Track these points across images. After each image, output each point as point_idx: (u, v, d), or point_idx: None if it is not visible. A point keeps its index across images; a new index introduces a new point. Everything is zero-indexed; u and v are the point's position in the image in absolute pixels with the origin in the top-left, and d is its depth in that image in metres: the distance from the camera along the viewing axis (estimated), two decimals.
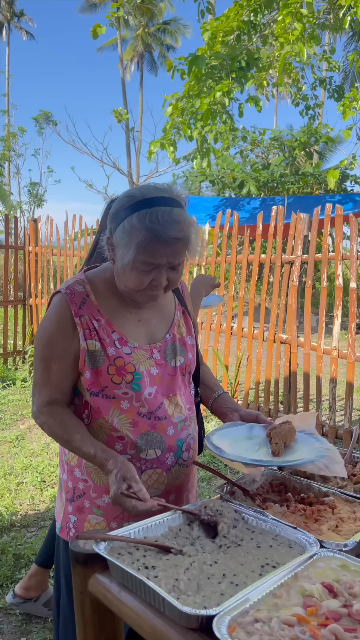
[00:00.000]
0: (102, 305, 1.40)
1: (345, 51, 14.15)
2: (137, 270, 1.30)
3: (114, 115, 9.35)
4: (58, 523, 1.53)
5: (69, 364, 1.37)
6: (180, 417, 1.46)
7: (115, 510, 1.41)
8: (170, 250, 1.28)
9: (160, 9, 31.26)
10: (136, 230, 1.26)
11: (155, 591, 0.90)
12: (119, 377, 1.37)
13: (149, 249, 1.27)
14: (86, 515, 1.43)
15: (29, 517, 3.33)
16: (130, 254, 1.28)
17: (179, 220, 1.27)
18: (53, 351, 1.38)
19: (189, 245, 1.31)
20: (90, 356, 1.37)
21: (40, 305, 7.28)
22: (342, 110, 5.37)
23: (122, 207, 1.30)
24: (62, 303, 1.38)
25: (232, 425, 1.49)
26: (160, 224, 1.25)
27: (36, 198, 18.34)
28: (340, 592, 0.90)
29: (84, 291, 1.40)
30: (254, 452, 1.33)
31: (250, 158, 14.63)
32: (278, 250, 4.81)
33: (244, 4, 6.23)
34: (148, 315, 1.47)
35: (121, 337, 1.39)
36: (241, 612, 0.86)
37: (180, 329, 1.52)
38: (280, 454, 1.30)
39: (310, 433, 1.44)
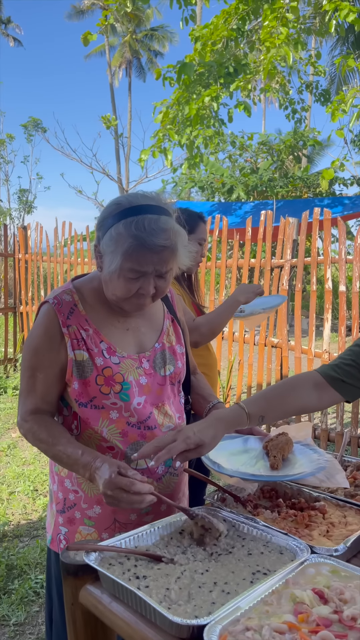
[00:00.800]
0: (90, 315, 1.40)
1: (331, 55, 14.28)
2: (124, 278, 1.30)
3: (102, 122, 9.34)
4: (49, 535, 1.52)
5: (55, 373, 1.37)
6: (169, 426, 1.46)
7: (106, 521, 1.40)
8: (157, 258, 1.28)
9: (147, 16, 31.41)
10: (122, 237, 1.26)
11: (146, 601, 0.89)
12: (108, 387, 1.36)
13: (135, 257, 1.26)
14: (77, 527, 1.42)
15: (22, 526, 3.31)
16: (116, 262, 1.27)
17: (166, 228, 1.27)
18: (39, 360, 1.37)
19: (176, 253, 1.31)
20: (78, 366, 1.36)
21: (30, 312, 7.25)
22: (331, 112, 5.42)
23: (110, 215, 1.30)
24: (50, 313, 1.37)
25: (226, 437, 1.47)
26: (147, 232, 1.25)
27: (26, 205, 18.31)
28: (330, 598, 0.90)
29: (72, 301, 1.39)
30: (251, 465, 1.32)
31: (239, 163, 14.72)
32: (267, 254, 4.83)
33: (231, 12, 6.27)
34: (136, 324, 1.46)
35: (109, 347, 1.38)
36: (232, 621, 0.85)
37: (169, 337, 1.52)
38: (278, 467, 1.29)
39: (307, 444, 1.44)
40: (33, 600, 2.58)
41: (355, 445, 4.10)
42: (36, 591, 2.64)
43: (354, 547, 1.12)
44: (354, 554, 1.14)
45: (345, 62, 5.60)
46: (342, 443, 1.69)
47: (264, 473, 1.29)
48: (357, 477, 1.47)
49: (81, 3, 32.13)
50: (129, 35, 30.81)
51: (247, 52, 6.88)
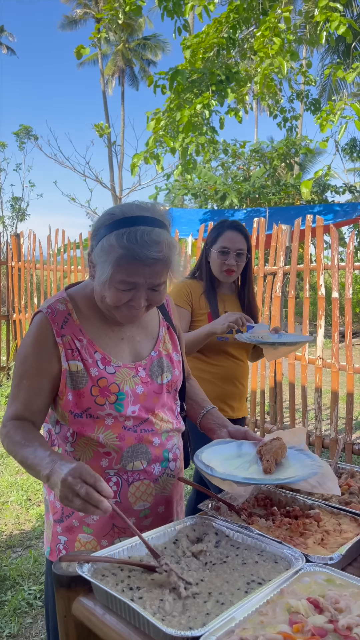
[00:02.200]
0: (84, 325, 1.39)
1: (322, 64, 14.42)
2: (114, 288, 1.29)
3: (95, 130, 9.36)
4: (47, 546, 1.49)
5: (41, 382, 1.34)
6: (166, 429, 1.46)
7: (105, 527, 1.38)
8: (149, 270, 1.26)
9: (140, 25, 31.62)
10: (114, 249, 1.25)
11: (139, 613, 0.88)
12: (103, 398, 1.35)
13: (126, 269, 1.25)
14: (76, 535, 1.40)
15: (15, 537, 3.27)
16: (107, 272, 1.26)
17: (159, 241, 1.25)
18: (26, 368, 1.36)
19: (170, 265, 1.29)
20: (72, 377, 1.34)
21: (24, 320, 7.23)
22: (320, 124, 5.47)
23: (102, 225, 1.30)
24: (44, 322, 1.36)
25: (220, 442, 1.47)
26: (139, 244, 1.23)
27: (19, 212, 18.28)
28: (326, 608, 0.90)
29: (66, 310, 1.38)
30: (245, 470, 1.31)
31: (231, 170, 14.80)
32: (261, 261, 4.85)
33: (222, 21, 6.33)
34: (131, 333, 1.45)
35: (104, 357, 1.37)
36: (227, 632, 0.84)
37: (166, 345, 1.51)
38: (271, 471, 1.28)
39: (301, 449, 1.43)
40: (26, 611, 2.55)
41: (350, 451, 4.10)
42: (29, 602, 2.61)
43: (349, 555, 1.12)
44: (349, 562, 1.14)
45: (334, 72, 5.65)
46: (336, 449, 1.68)
47: (255, 477, 1.28)
48: (352, 484, 1.47)
49: (74, 13, 32.33)
50: (122, 44, 31.00)
51: (239, 60, 6.94)
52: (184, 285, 2.45)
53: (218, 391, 2.40)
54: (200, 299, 2.43)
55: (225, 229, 2.42)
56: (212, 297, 2.43)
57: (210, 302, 2.42)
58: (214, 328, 2.20)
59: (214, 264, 2.42)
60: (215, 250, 2.40)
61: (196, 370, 2.35)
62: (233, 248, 2.38)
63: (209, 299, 2.43)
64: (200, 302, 2.42)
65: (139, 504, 1.40)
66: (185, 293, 2.43)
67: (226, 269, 2.39)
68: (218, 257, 2.39)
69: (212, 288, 2.45)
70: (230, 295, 2.53)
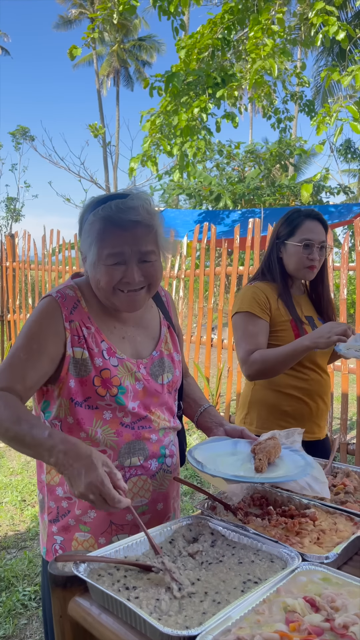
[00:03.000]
0: (92, 313, 1.38)
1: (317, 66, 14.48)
2: (104, 266, 1.28)
3: (90, 130, 9.35)
4: (43, 547, 1.48)
5: (40, 360, 1.30)
6: (163, 426, 1.46)
7: (102, 524, 1.37)
8: (130, 235, 1.26)
9: (135, 26, 31.63)
10: (93, 224, 1.27)
11: (136, 612, 0.88)
12: (104, 390, 1.34)
13: (109, 239, 1.25)
14: (72, 534, 1.39)
15: (9, 538, 3.26)
16: (93, 252, 1.27)
17: (134, 206, 1.26)
18: (26, 343, 1.31)
19: (152, 231, 1.28)
20: (76, 364, 1.33)
21: (18, 320, 7.21)
22: (316, 126, 5.48)
23: (84, 213, 1.33)
24: (53, 305, 1.33)
25: (216, 440, 1.47)
26: (114, 211, 1.25)
27: (14, 213, 18.24)
28: (322, 606, 0.90)
29: (75, 296, 1.37)
30: (237, 468, 1.31)
31: (226, 171, 14.82)
32: (255, 262, 4.86)
33: (217, 22, 6.34)
34: (132, 333, 1.44)
35: (109, 348, 1.37)
36: (223, 631, 0.84)
37: (167, 345, 1.50)
38: (263, 470, 1.27)
39: (296, 450, 1.42)
40: (21, 612, 2.54)
41: (345, 451, 4.11)
42: (24, 603, 2.60)
43: (345, 554, 1.12)
44: (345, 561, 1.14)
45: (330, 74, 5.67)
46: (331, 449, 1.69)
47: (244, 474, 1.27)
48: (347, 483, 1.47)
49: (69, 13, 32.29)
50: (117, 45, 30.99)
51: (234, 62, 6.95)
52: (257, 291, 2.07)
53: (307, 409, 2.06)
54: (278, 305, 2.06)
55: (303, 219, 2.08)
56: (289, 300, 2.08)
57: (288, 307, 2.07)
58: (316, 343, 1.81)
59: (292, 259, 2.07)
60: (295, 244, 2.05)
61: (282, 386, 2.06)
62: (316, 240, 2.05)
63: (287, 303, 2.07)
64: (280, 309, 2.06)
65: (136, 500, 1.39)
66: (263, 300, 2.04)
67: (310, 265, 2.05)
68: (300, 251, 2.04)
69: (287, 289, 2.10)
70: (301, 296, 2.19)
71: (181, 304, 5.72)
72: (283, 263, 2.11)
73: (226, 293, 11.24)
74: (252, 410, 2.13)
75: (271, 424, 2.05)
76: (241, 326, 2.05)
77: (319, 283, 2.18)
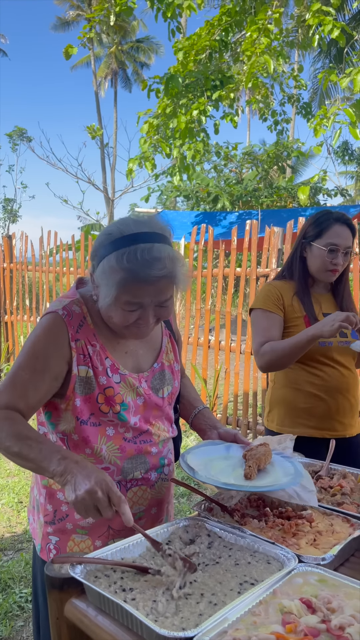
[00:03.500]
0: (97, 329, 1.36)
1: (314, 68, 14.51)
2: (121, 310, 1.25)
3: (87, 132, 9.36)
4: (38, 544, 1.48)
5: (43, 379, 1.30)
6: (163, 438, 1.47)
7: (100, 528, 1.38)
8: (154, 289, 1.22)
9: (133, 27, 31.65)
10: (115, 271, 1.20)
11: (132, 614, 0.88)
12: (107, 407, 1.34)
13: (130, 290, 1.21)
14: (69, 536, 1.40)
15: (6, 539, 3.25)
16: (111, 295, 1.22)
17: (160, 257, 1.19)
18: (30, 362, 1.30)
19: (175, 280, 1.25)
20: (81, 382, 1.32)
21: (15, 322, 7.19)
22: (314, 128, 5.50)
23: (101, 246, 1.25)
24: (59, 324, 1.31)
25: (209, 444, 1.47)
26: (140, 263, 1.18)
27: (11, 214, 18.23)
28: (318, 608, 0.90)
29: (81, 313, 1.34)
30: (228, 473, 1.31)
31: (224, 173, 14.85)
32: (253, 263, 4.86)
33: (215, 23, 6.36)
34: (135, 347, 1.43)
35: (113, 364, 1.36)
36: (219, 633, 0.84)
37: (168, 356, 1.50)
38: (252, 478, 1.27)
39: (287, 456, 1.43)
40: (17, 614, 2.54)
41: None
42: (21, 605, 2.59)
43: (341, 556, 1.12)
44: (342, 563, 1.14)
45: (327, 76, 5.69)
46: (328, 451, 1.69)
47: (234, 482, 1.27)
48: (344, 484, 1.47)
49: (66, 14, 32.30)
50: (115, 46, 31.00)
51: (231, 64, 6.97)
52: (271, 288, 2.14)
53: (325, 406, 2.08)
54: (293, 301, 2.11)
55: (332, 222, 2.08)
56: (306, 298, 2.11)
57: (304, 304, 2.10)
58: (321, 331, 1.84)
59: (316, 261, 2.09)
60: (320, 247, 2.06)
61: (298, 383, 2.10)
62: (342, 245, 2.06)
63: (303, 301, 2.11)
64: (294, 305, 2.10)
65: (135, 508, 1.40)
66: (276, 297, 2.11)
67: (332, 269, 2.08)
68: (324, 255, 2.06)
69: (305, 287, 2.13)
70: (326, 294, 2.20)
71: (179, 306, 5.72)
72: (306, 262, 2.14)
73: (223, 295, 11.26)
74: (274, 408, 2.19)
75: (290, 422, 2.11)
76: (255, 321, 2.13)
77: (339, 282, 2.20)
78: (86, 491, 1.09)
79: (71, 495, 1.11)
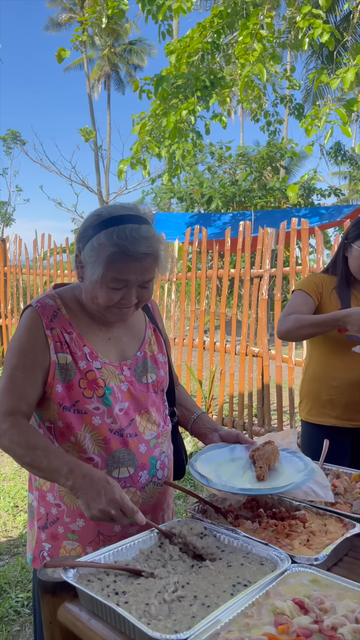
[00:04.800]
0: (73, 320, 1.40)
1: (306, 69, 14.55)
2: (106, 287, 1.30)
3: (81, 134, 9.35)
4: (30, 553, 1.48)
5: (36, 374, 1.35)
6: (152, 434, 1.45)
7: (90, 534, 1.38)
8: (140, 266, 1.29)
9: (126, 30, 31.67)
10: (104, 247, 1.27)
11: (125, 617, 0.88)
12: (91, 391, 1.36)
13: (118, 265, 1.27)
14: (61, 542, 1.40)
15: (1, 544, 3.24)
16: (98, 271, 1.28)
17: (147, 236, 1.28)
18: (20, 360, 1.35)
19: (158, 261, 1.32)
20: (61, 369, 1.35)
21: (10, 325, 7.18)
22: (305, 128, 5.51)
23: (90, 226, 1.32)
24: (34, 316, 1.37)
25: (213, 447, 1.47)
26: (129, 240, 1.26)
27: (5, 217, 18.20)
28: (311, 608, 0.90)
29: (55, 305, 1.40)
30: (239, 477, 1.31)
31: (218, 174, 14.85)
32: (247, 264, 4.87)
33: (206, 25, 6.37)
34: (118, 334, 1.46)
35: (92, 352, 1.39)
36: (212, 635, 0.84)
37: (151, 346, 1.52)
38: (265, 478, 1.28)
39: (293, 451, 1.43)
40: (14, 619, 2.53)
41: None
42: (17, 610, 2.58)
43: (334, 556, 1.12)
44: (335, 563, 1.14)
45: (318, 77, 5.71)
46: (322, 452, 1.69)
47: (250, 485, 1.27)
48: (337, 484, 1.48)
49: (59, 17, 32.28)
50: (108, 49, 31.01)
51: (223, 65, 6.98)
52: (314, 278, 2.28)
53: (350, 399, 2.19)
54: (331, 295, 2.22)
55: None
56: (345, 294, 2.20)
57: (342, 299, 2.19)
58: (345, 321, 1.94)
59: (355, 261, 2.18)
60: (359, 247, 2.16)
61: (323, 376, 2.24)
62: None
63: (341, 296, 2.20)
64: (331, 298, 2.21)
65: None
66: (316, 283, 2.24)
67: None
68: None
69: (346, 285, 2.23)
70: None
71: (173, 307, 5.72)
72: (347, 262, 2.24)
73: (218, 296, 11.27)
74: (303, 399, 2.36)
75: (317, 412, 2.28)
76: (292, 299, 2.27)
77: None
78: (100, 510, 1.17)
79: (86, 512, 1.19)
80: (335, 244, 4.17)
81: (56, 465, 1.24)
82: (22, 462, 1.30)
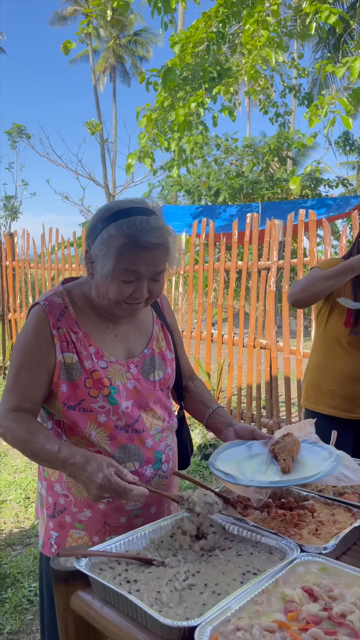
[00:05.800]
0: (80, 318, 1.40)
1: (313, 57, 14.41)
2: (117, 281, 1.30)
3: (87, 127, 9.33)
4: (40, 539, 1.52)
5: (41, 374, 1.36)
6: (157, 429, 1.47)
7: (97, 524, 1.40)
8: (150, 257, 1.28)
9: (131, 21, 31.47)
10: (115, 238, 1.27)
11: (137, 605, 0.90)
12: (96, 390, 1.36)
13: (129, 256, 1.27)
14: (68, 531, 1.42)
15: (14, 535, 3.29)
16: (109, 264, 1.28)
17: (157, 227, 1.28)
18: (26, 359, 1.36)
19: (169, 252, 1.32)
20: (67, 369, 1.36)
21: (19, 319, 7.22)
22: (309, 118, 5.47)
23: (99, 220, 1.32)
24: (41, 314, 1.37)
25: (230, 446, 1.44)
26: (139, 231, 1.26)
27: (12, 211, 18.23)
28: (320, 596, 0.91)
29: (63, 303, 1.40)
30: (263, 472, 1.28)
31: (225, 166, 14.78)
32: (254, 256, 4.86)
33: (212, 16, 6.32)
34: (125, 330, 1.46)
35: (97, 351, 1.39)
36: (223, 622, 0.86)
37: (159, 343, 1.52)
38: (290, 470, 1.26)
39: (313, 442, 1.40)
40: (27, 608, 2.57)
41: None
42: (30, 599, 2.63)
43: (342, 545, 1.14)
44: (343, 552, 1.16)
45: (324, 66, 5.65)
46: (330, 442, 1.70)
47: (277, 478, 1.25)
48: None
49: (63, 9, 32.14)
50: (113, 40, 30.84)
51: (229, 55, 6.93)
52: (335, 260, 2.34)
53: (349, 390, 2.27)
54: (345, 285, 2.27)
55: None
56: (357, 286, 2.27)
57: (354, 288, 2.27)
58: (352, 266, 2.07)
59: None
60: None
61: (325, 367, 2.32)
62: None
63: (354, 286, 2.27)
64: (345, 284, 2.26)
65: (130, 504, 1.39)
66: (335, 265, 2.25)
67: None
68: None
69: (357, 277, 2.27)
70: None
71: (181, 300, 5.73)
72: None
73: (225, 288, 11.25)
74: (307, 388, 2.43)
75: (315, 400, 2.36)
76: (308, 274, 2.31)
77: None
78: (95, 496, 1.20)
79: (90, 496, 1.22)
80: (344, 235, 4.15)
81: (52, 454, 1.27)
82: (27, 454, 1.34)
